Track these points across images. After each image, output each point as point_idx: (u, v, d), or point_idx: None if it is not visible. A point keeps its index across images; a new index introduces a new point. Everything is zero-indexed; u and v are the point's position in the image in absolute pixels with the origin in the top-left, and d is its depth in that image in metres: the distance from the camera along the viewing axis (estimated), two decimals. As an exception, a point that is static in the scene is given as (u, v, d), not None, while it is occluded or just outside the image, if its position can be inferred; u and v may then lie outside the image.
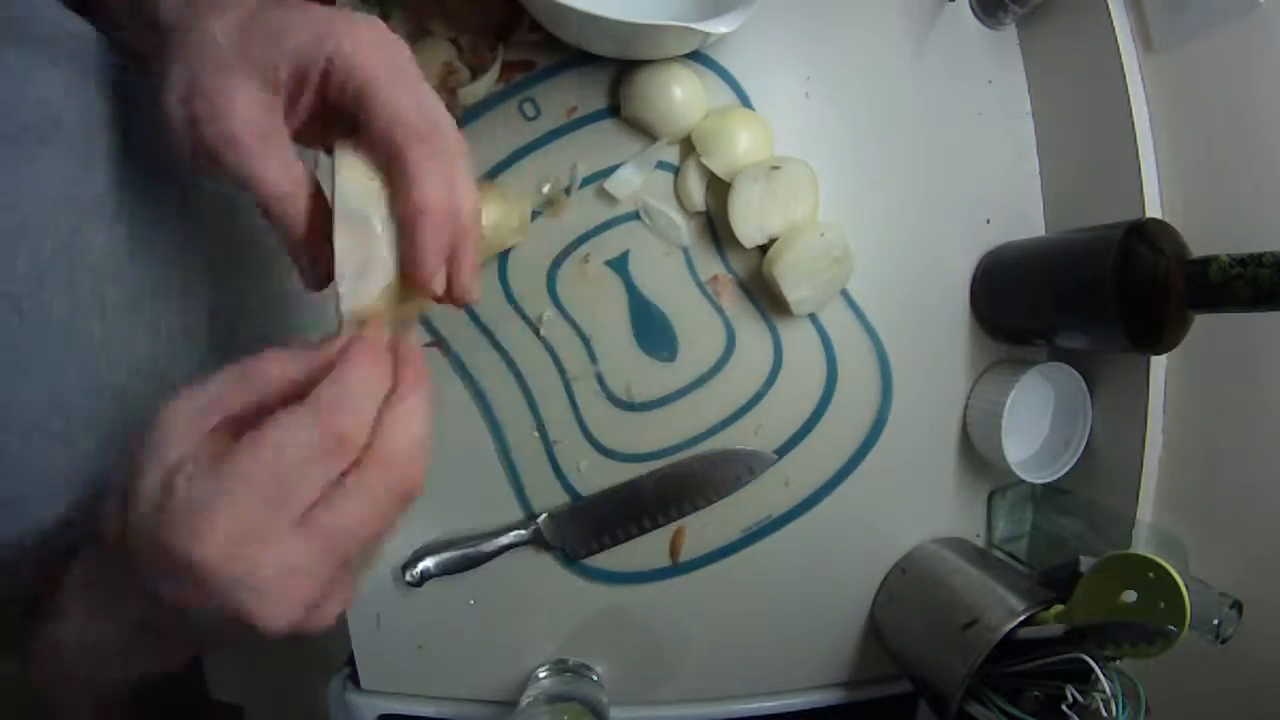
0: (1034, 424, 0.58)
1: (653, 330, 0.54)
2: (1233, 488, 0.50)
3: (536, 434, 0.54)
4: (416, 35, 0.51)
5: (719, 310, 0.55)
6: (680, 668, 0.56)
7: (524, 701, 0.50)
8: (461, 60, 0.51)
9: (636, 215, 0.54)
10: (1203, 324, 0.45)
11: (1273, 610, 0.45)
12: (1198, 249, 0.44)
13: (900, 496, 0.58)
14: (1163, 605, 0.42)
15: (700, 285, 0.54)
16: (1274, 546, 0.47)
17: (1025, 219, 0.60)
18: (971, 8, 0.59)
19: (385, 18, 0.44)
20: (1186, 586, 0.41)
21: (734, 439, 0.55)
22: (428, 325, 0.54)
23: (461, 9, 0.50)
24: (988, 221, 0.58)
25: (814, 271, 0.52)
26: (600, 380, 0.54)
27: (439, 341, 0.54)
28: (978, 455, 0.58)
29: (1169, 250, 0.44)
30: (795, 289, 0.51)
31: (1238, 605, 0.44)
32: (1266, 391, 0.48)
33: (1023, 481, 0.56)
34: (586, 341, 0.54)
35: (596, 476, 0.54)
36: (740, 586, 0.56)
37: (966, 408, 0.58)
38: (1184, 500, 0.52)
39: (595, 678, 0.54)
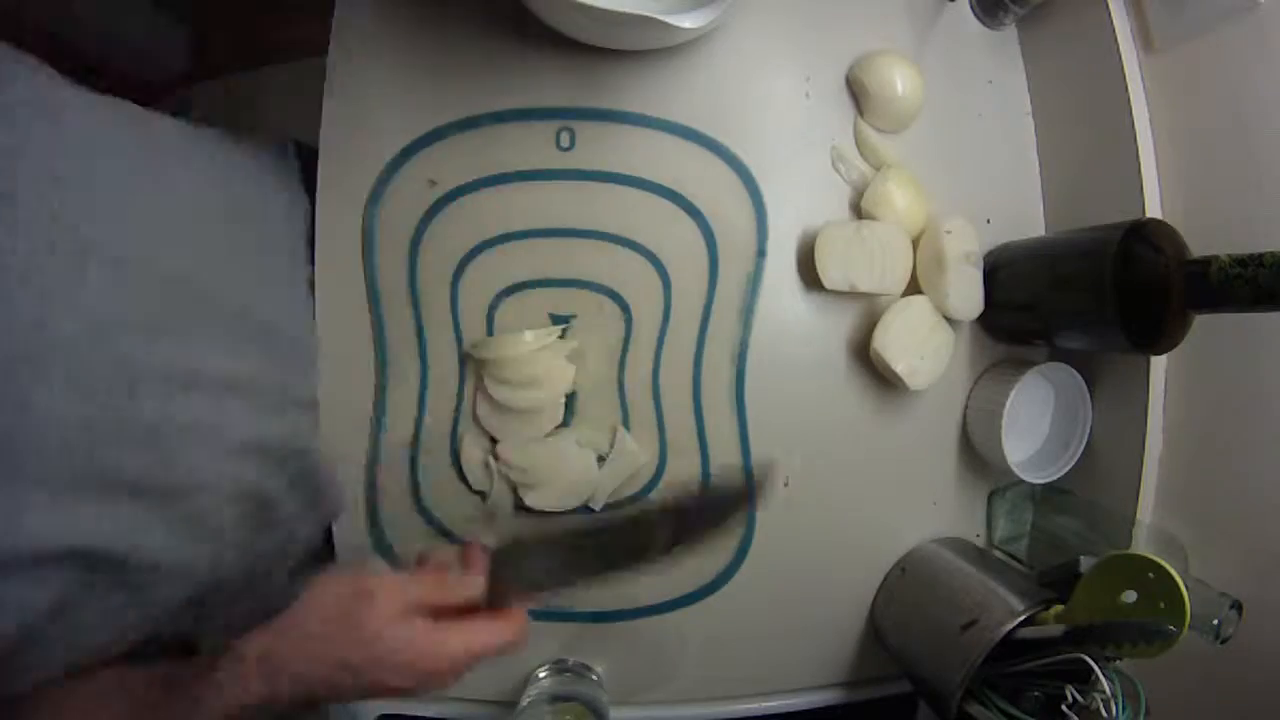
0: (1034, 424, 0.58)
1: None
2: (1233, 488, 0.50)
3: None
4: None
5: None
6: (680, 668, 0.56)
7: (524, 701, 0.50)
8: None
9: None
10: (1203, 324, 0.45)
11: (1273, 610, 0.45)
12: (1198, 249, 0.44)
13: (900, 496, 0.58)
14: (1163, 605, 0.42)
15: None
16: (1274, 546, 0.47)
17: (1025, 219, 0.60)
18: (971, 8, 0.59)
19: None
20: (1186, 586, 0.41)
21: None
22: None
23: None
24: (988, 221, 0.58)
25: (917, 341, 0.53)
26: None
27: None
28: (978, 455, 0.58)
29: (1169, 250, 0.44)
30: (900, 360, 0.52)
31: (1238, 605, 0.44)
32: (1266, 392, 0.48)
33: (1023, 481, 0.56)
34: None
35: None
36: (740, 587, 0.55)
37: (966, 408, 0.58)
38: (1184, 500, 0.52)
39: (595, 678, 0.54)
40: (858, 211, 0.55)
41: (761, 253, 0.54)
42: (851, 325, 0.56)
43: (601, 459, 0.53)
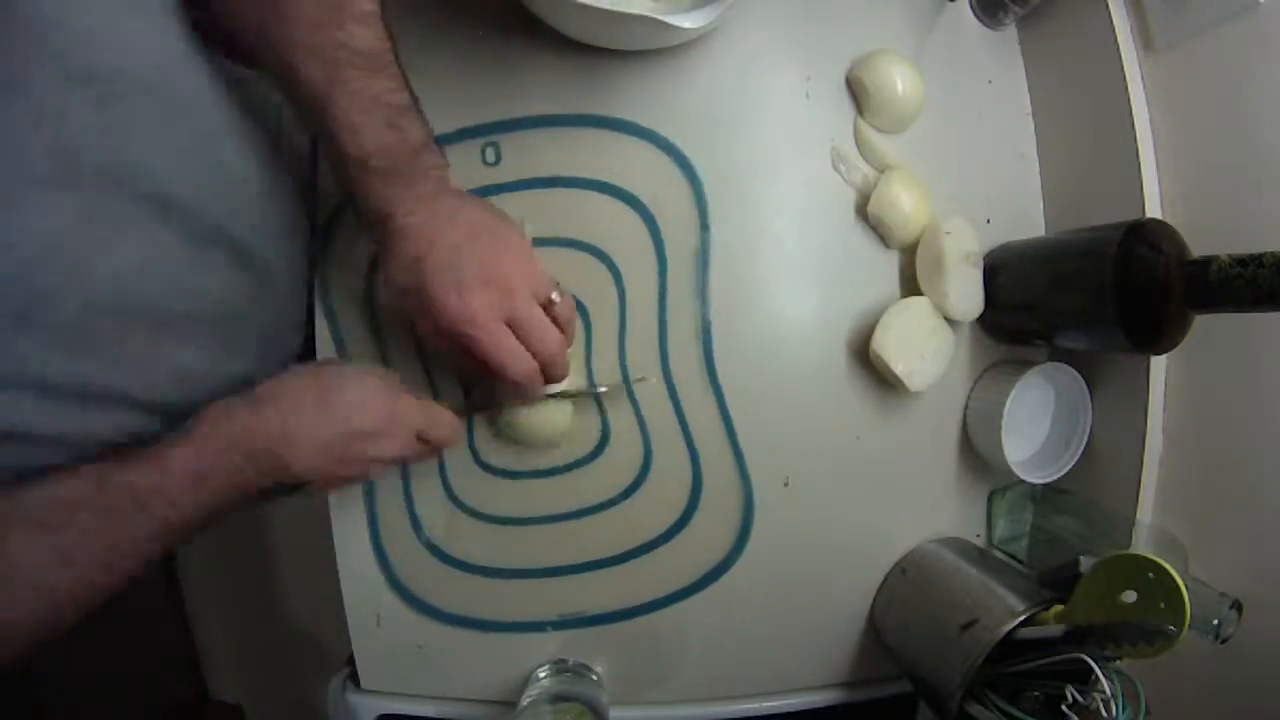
0: (1034, 424, 0.58)
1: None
2: (1233, 488, 0.50)
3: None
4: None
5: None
6: (680, 668, 0.56)
7: (524, 701, 0.50)
8: None
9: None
10: (1203, 324, 0.45)
11: (1273, 610, 0.45)
12: (1198, 249, 0.44)
13: (900, 496, 0.58)
14: (1163, 605, 0.42)
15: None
16: (1274, 546, 0.47)
17: (1025, 219, 0.60)
18: (971, 8, 0.59)
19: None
20: (1186, 586, 0.41)
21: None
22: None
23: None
24: (988, 222, 0.58)
25: (917, 342, 0.53)
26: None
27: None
28: (978, 455, 0.58)
29: (1169, 250, 0.44)
30: (900, 361, 0.52)
31: (1238, 605, 0.44)
32: (1266, 392, 0.48)
33: (1023, 481, 0.56)
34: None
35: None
36: (740, 586, 0.55)
37: (966, 408, 0.58)
38: (1184, 500, 0.52)
39: (595, 678, 0.54)
40: (862, 213, 0.55)
41: (705, 226, 0.54)
42: (851, 326, 0.56)
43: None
